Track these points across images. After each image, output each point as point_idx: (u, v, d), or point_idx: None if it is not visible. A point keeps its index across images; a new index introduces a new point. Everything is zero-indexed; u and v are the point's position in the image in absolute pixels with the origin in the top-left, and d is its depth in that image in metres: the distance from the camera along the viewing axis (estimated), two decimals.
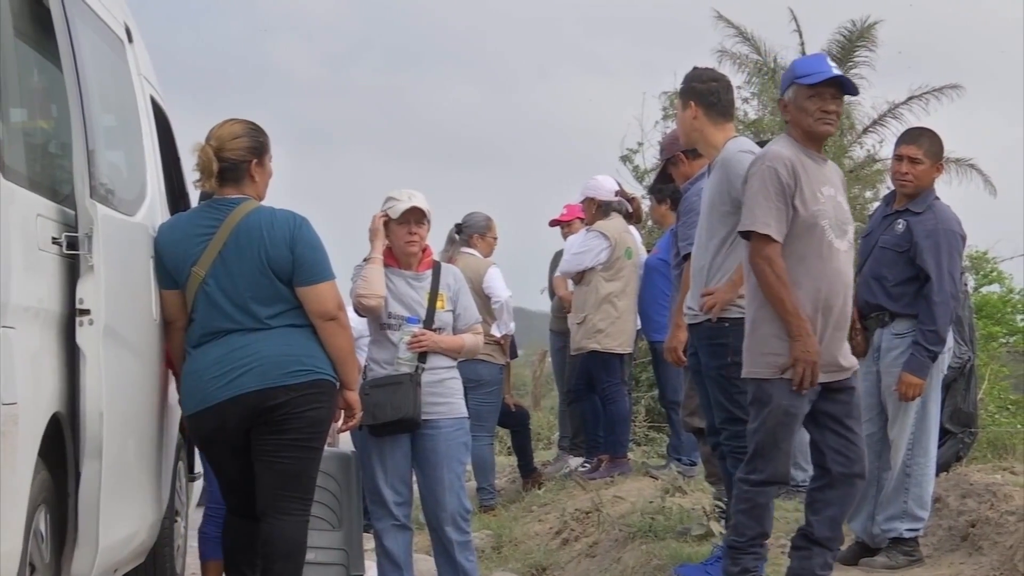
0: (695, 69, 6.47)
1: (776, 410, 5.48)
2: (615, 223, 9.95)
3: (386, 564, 6.57)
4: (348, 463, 6.58)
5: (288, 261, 5.43)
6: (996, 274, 21.55)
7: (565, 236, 10.70)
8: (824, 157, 5.77)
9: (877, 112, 22.20)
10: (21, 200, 4.17)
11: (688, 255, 6.55)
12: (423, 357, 6.50)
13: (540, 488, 10.36)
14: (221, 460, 5.60)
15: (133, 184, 5.67)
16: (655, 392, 12.03)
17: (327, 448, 5.76)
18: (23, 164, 4.36)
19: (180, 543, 6.66)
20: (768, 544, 5.78)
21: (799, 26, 22.43)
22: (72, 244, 4.53)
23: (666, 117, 18.06)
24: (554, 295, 11.08)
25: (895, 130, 20.40)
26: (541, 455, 12.32)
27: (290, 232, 5.45)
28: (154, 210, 5.78)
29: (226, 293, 5.43)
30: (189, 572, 7.01)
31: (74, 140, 4.62)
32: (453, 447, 6.55)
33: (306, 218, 5.54)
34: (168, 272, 5.50)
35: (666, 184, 7.99)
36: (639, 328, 10.01)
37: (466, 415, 6.68)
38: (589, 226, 10.07)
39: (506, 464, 12.15)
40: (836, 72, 5.60)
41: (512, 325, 10.12)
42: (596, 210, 10.04)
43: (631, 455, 10.55)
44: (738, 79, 21.00)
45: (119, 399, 4.84)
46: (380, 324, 6.55)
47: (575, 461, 10.56)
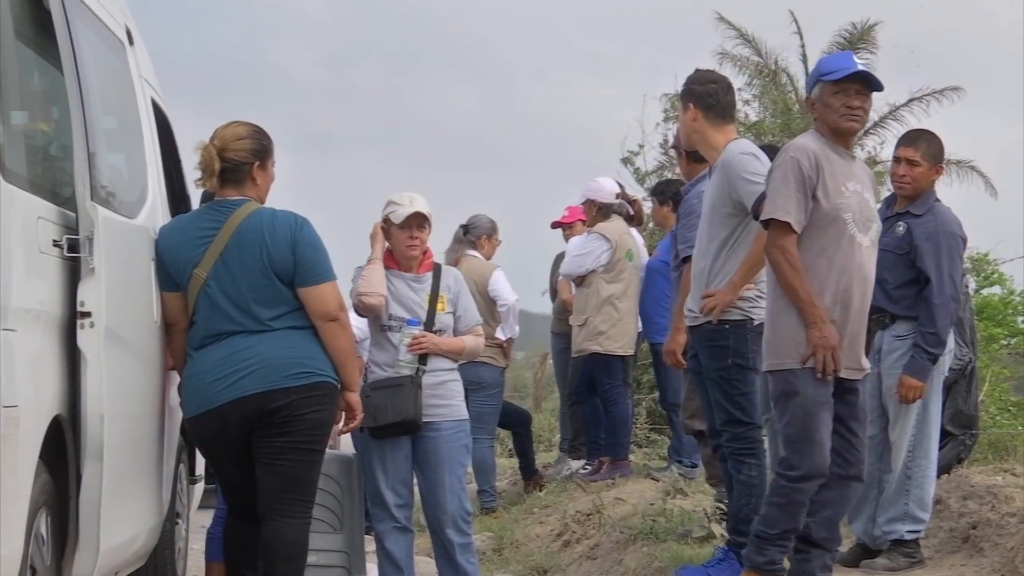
0: (695, 71, 6.46)
1: (804, 400, 5.44)
2: (616, 225, 9.94)
3: (387, 566, 6.56)
4: (350, 465, 6.58)
5: (289, 262, 5.43)
6: (997, 276, 21.48)
7: (567, 238, 10.69)
8: (852, 155, 5.77)
9: (878, 114, 22.14)
10: (22, 202, 4.16)
11: (688, 257, 6.54)
12: (424, 359, 6.50)
13: (541, 490, 10.36)
14: (222, 463, 5.59)
15: (134, 186, 5.67)
16: (656, 394, 12.01)
17: (328, 451, 5.76)
18: (24, 166, 4.35)
19: (181, 546, 6.65)
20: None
21: (800, 28, 22.41)
22: (73, 247, 4.52)
23: (667, 119, 18.04)
24: (555, 297, 11.08)
25: (896, 132, 20.34)
26: (542, 457, 12.31)
27: (291, 233, 5.45)
28: (155, 212, 5.78)
29: (228, 295, 5.43)
30: (191, 574, 7.00)
31: (75, 142, 4.62)
32: (454, 449, 6.54)
33: (307, 219, 5.54)
34: (169, 274, 5.50)
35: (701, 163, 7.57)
36: (640, 330, 10.01)
37: (467, 417, 6.67)
38: (590, 228, 10.07)
39: (507, 466, 12.15)
40: (860, 67, 5.60)
41: (517, 329, 10.12)
42: (597, 212, 10.04)
43: (632, 457, 10.54)
44: (739, 81, 20.92)
45: (120, 402, 4.83)
46: (380, 326, 6.54)
47: (576, 463, 10.54)
